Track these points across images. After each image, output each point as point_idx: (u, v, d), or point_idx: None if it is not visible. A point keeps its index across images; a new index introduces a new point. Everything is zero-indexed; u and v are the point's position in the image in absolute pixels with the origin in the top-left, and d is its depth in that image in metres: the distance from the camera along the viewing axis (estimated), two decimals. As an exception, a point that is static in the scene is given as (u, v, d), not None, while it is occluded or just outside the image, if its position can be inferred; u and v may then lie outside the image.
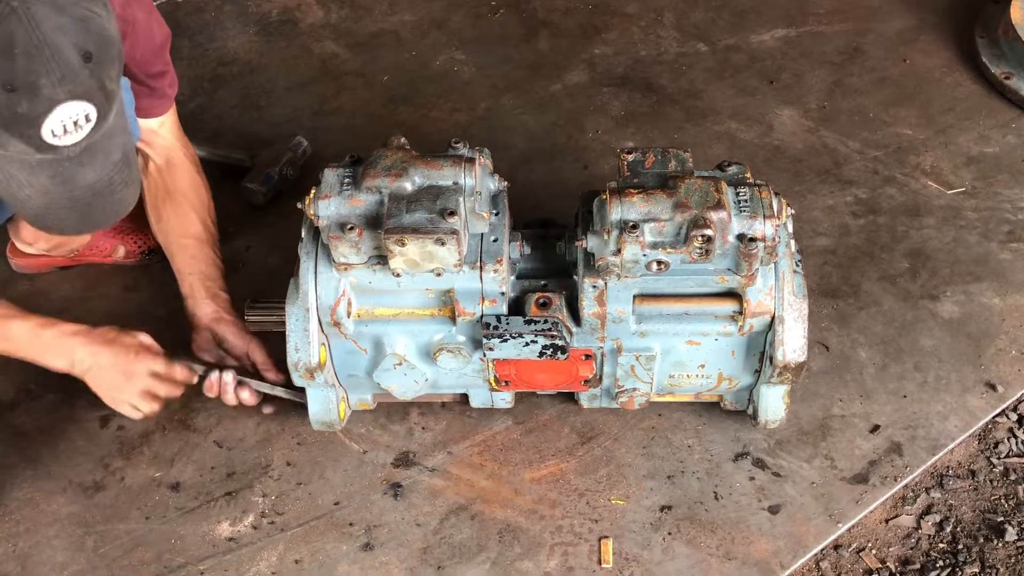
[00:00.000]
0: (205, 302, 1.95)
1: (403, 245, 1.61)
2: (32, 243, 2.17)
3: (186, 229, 1.98)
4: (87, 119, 1.39)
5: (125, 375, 1.80)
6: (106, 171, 1.45)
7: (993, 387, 2.04)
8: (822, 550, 1.84)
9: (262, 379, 1.93)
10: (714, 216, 1.60)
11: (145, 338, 1.84)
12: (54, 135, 1.37)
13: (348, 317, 1.74)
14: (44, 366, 1.79)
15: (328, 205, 1.65)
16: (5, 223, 2.11)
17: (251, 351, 1.94)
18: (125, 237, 2.25)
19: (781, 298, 1.70)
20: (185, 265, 1.98)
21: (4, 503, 1.90)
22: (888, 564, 1.84)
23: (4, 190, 1.41)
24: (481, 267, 1.69)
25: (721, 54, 2.84)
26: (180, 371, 1.86)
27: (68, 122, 1.37)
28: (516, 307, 1.76)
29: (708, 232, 1.59)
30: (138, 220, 2.17)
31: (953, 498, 1.93)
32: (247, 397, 1.88)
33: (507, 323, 1.71)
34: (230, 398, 1.87)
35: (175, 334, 1.95)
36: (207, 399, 2.00)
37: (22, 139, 1.36)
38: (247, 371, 1.93)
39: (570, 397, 2.00)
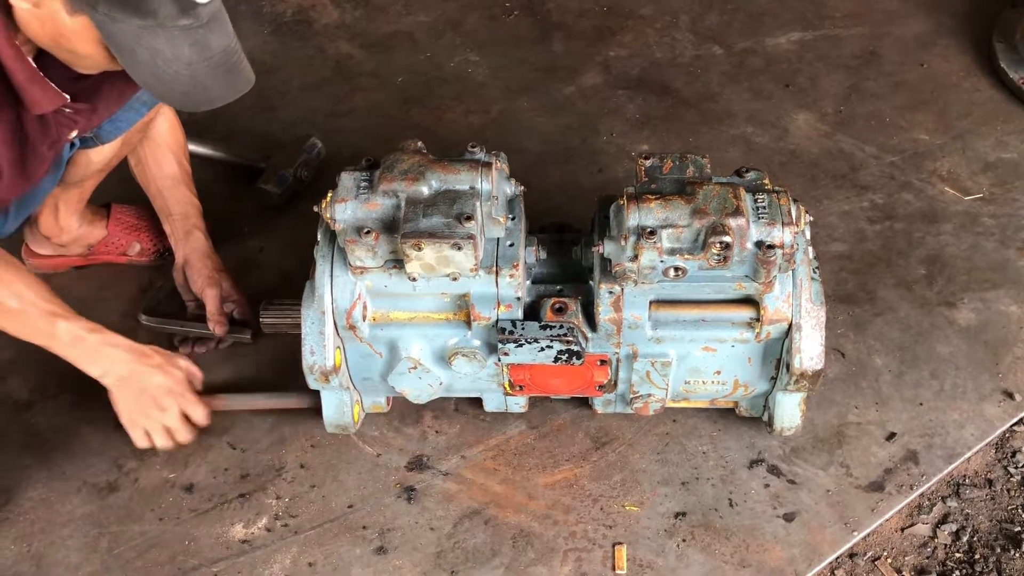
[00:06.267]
0: (180, 243, 2.10)
1: (420, 249, 1.60)
2: (54, 236, 2.17)
3: (163, 170, 2.09)
4: None
5: (155, 404, 1.82)
6: (229, 40, 1.54)
7: (1010, 395, 2.03)
8: (837, 558, 1.83)
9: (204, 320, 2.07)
10: (732, 223, 1.59)
11: (191, 372, 1.87)
12: None
13: (363, 321, 1.74)
14: (81, 369, 1.81)
15: (345, 209, 1.65)
16: (22, 224, 2.11)
17: (204, 298, 2.06)
18: (141, 234, 2.26)
19: (799, 305, 1.69)
20: (164, 206, 2.12)
21: (19, 503, 1.90)
22: (904, 573, 1.83)
23: (151, 73, 1.48)
24: (497, 272, 1.69)
25: (736, 57, 2.83)
26: (206, 419, 1.88)
27: None
28: (532, 312, 1.75)
29: (726, 239, 1.58)
30: (154, 219, 2.18)
31: (970, 507, 1.92)
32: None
33: (523, 328, 1.71)
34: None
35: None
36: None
37: None
38: (204, 316, 2.07)
39: (584, 402, 2.00)
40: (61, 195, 2.09)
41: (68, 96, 1.63)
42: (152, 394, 1.81)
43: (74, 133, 1.78)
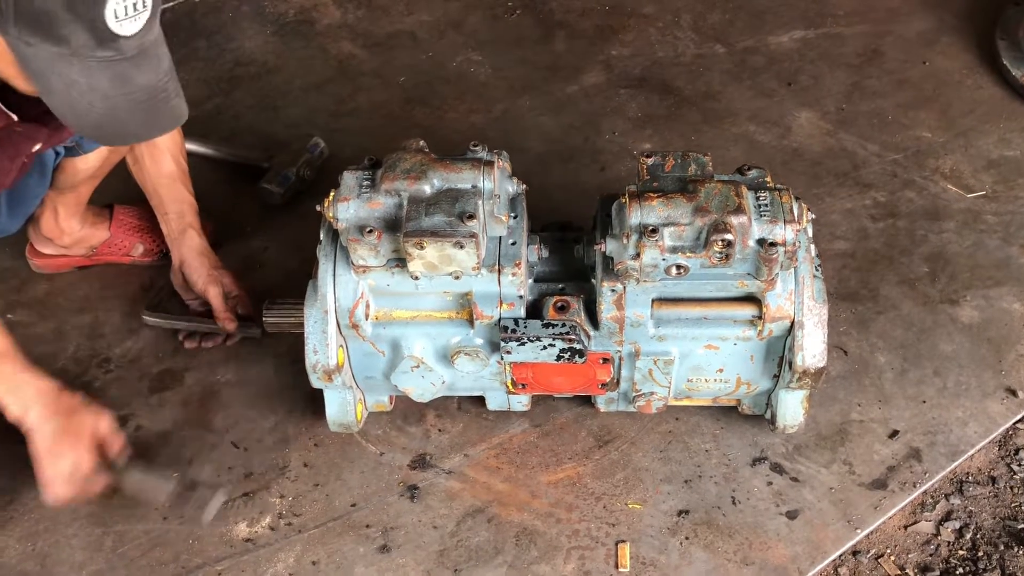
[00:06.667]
0: (176, 243, 2.10)
1: (422, 248, 1.61)
2: (56, 238, 2.18)
3: (160, 169, 2.08)
4: (144, 5, 1.40)
5: (56, 453, 1.71)
6: (159, 76, 1.47)
7: (1014, 393, 2.03)
8: (840, 556, 1.83)
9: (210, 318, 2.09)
10: (734, 221, 1.59)
11: (103, 426, 1.77)
12: (116, 18, 1.37)
13: (366, 319, 1.74)
14: (3, 411, 1.71)
15: (347, 208, 1.65)
16: (26, 224, 2.12)
17: (208, 296, 2.06)
18: (144, 235, 2.26)
19: (801, 303, 1.70)
20: (161, 205, 2.11)
21: (23, 502, 1.91)
22: (907, 571, 1.83)
23: (64, 102, 1.42)
24: (499, 270, 1.69)
25: (739, 56, 2.83)
26: (99, 482, 1.77)
27: (129, 4, 1.38)
28: (534, 310, 1.76)
29: (728, 237, 1.58)
30: (156, 220, 2.18)
31: (973, 505, 1.91)
32: None
33: (525, 326, 1.71)
34: None
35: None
36: (224, 398, 2.01)
37: (85, 24, 1.36)
38: (207, 312, 2.09)
39: (587, 400, 2.00)
40: (58, 199, 2.09)
41: (15, 116, 1.58)
42: (58, 442, 1.71)
43: (37, 147, 1.72)
